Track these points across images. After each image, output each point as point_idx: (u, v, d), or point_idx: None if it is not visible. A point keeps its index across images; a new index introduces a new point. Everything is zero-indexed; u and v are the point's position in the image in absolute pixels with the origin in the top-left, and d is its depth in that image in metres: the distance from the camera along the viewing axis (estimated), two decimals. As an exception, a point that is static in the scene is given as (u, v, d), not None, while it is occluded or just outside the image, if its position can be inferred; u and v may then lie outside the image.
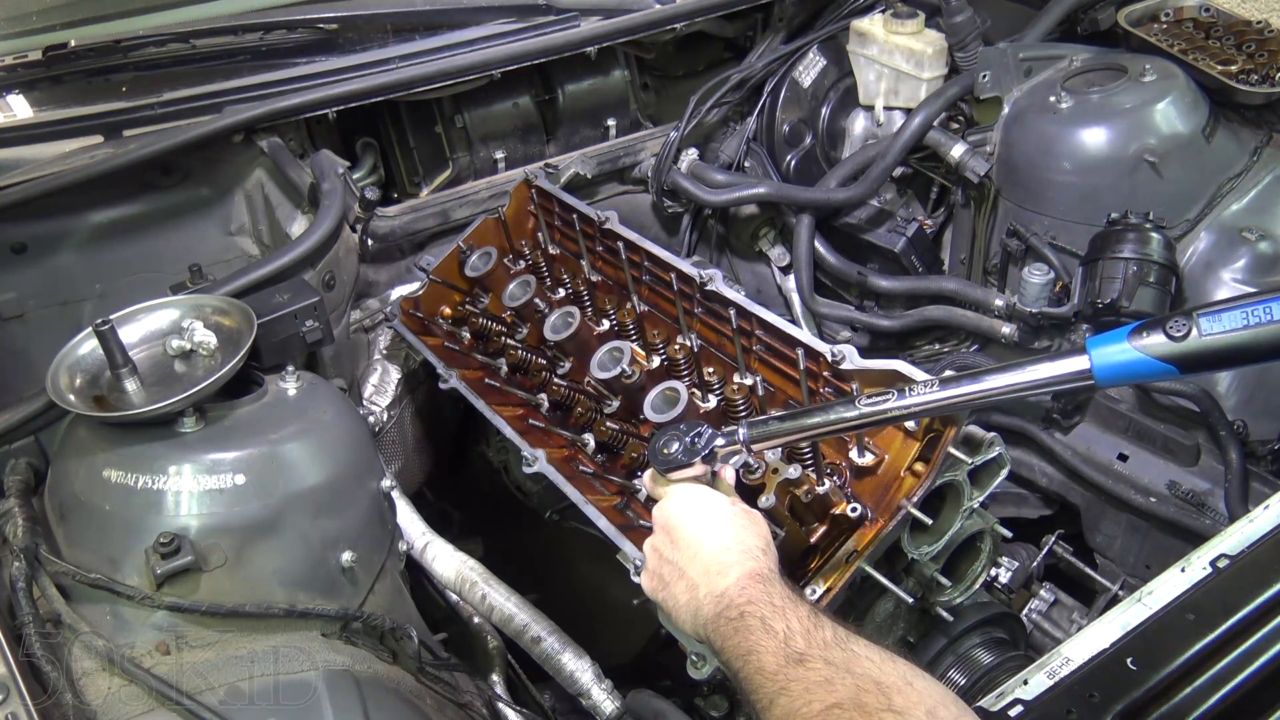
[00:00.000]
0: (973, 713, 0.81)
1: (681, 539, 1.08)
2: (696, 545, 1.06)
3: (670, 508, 1.12)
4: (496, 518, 2.10)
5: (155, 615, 1.14)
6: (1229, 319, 0.88)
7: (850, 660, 0.86)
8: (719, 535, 1.06)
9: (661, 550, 1.10)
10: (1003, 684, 1.02)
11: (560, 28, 2.07)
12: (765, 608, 0.95)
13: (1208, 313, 0.89)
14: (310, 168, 1.77)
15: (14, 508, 1.25)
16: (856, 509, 1.24)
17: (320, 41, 2.14)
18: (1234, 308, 0.89)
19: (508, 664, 1.46)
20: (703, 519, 1.08)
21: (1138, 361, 0.92)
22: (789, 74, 2.27)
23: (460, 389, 1.64)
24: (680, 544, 1.08)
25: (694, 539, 1.07)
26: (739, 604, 0.97)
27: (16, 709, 0.96)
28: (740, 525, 1.07)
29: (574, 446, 1.57)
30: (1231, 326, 0.88)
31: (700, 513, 1.09)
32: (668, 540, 1.09)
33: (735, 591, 0.99)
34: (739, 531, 1.06)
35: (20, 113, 1.93)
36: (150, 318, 1.38)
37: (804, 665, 0.87)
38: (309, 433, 1.31)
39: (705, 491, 1.12)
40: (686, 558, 1.06)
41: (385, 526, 1.44)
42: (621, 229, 1.69)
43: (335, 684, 1.10)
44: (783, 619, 0.93)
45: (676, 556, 1.07)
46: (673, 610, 1.07)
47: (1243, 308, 0.88)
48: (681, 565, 1.06)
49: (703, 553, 1.05)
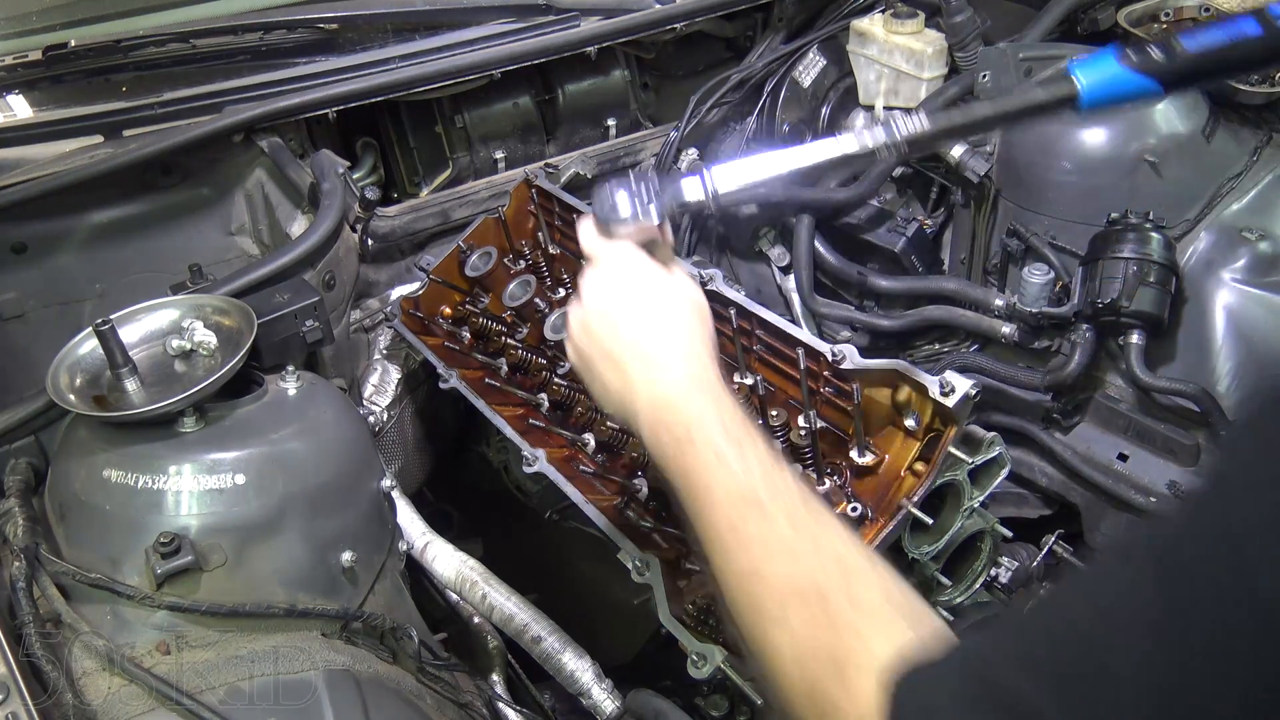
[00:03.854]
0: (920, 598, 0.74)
1: (618, 317, 0.95)
2: (634, 328, 0.94)
3: (608, 276, 0.98)
4: (496, 518, 2.10)
5: (155, 615, 1.14)
6: (1206, 37, 0.94)
7: (816, 530, 0.77)
8: (661, 321, 0.94)
9: (590, 325, 0.97)
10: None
11: (560, 28, 2.07)
12: (718, 434, 0.84)
13: (1186, 34, 0.94)
14: (310, 168, 1.77)
15: (14, 508, 1.25)
16: (857, 509, 1.24)
17: (320, 41, 2.14)
18: (1210, 28, 0.93)
19: (508, 664, 1.46)
20: (644, 297, 0.96)
21: (1122, 77, 0.94)
22: (789, 74, 2.27)
23: (460, 389, 1.64)
24: (616, 323, 0.95)
25: (632, 320, 0.94)
26: (685, 420, 0.86)
27: (16, 709, 0.96)
28: (686, 311, 0.96)
29: (574, 446, 1.57)
30: (1208, 42, 0.93)
31: (642, 289, 0.96)
32: (600, 314, 0.97)
33: (681, 401, 0.88)
34: (685, 319, 0.95)
35: (20, 113, 1.93)
36: (150, 318, 1.38)
37: (766, 520, 0.79)
38: (309, 433, 1.31)
39: (648, 263, 0.99)
40: (621, 341, 0.94)
41: (385, 526, 1.44)
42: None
43: (335, 684, 1.10)
44: (740, 455, 0.82)
45: (608, 336, 0.95)
46: (596, 391, 0.98)
47: (1218, 27, 0.93)
48: (613, 349, 0.94)
49: (642, 340, 0.93)
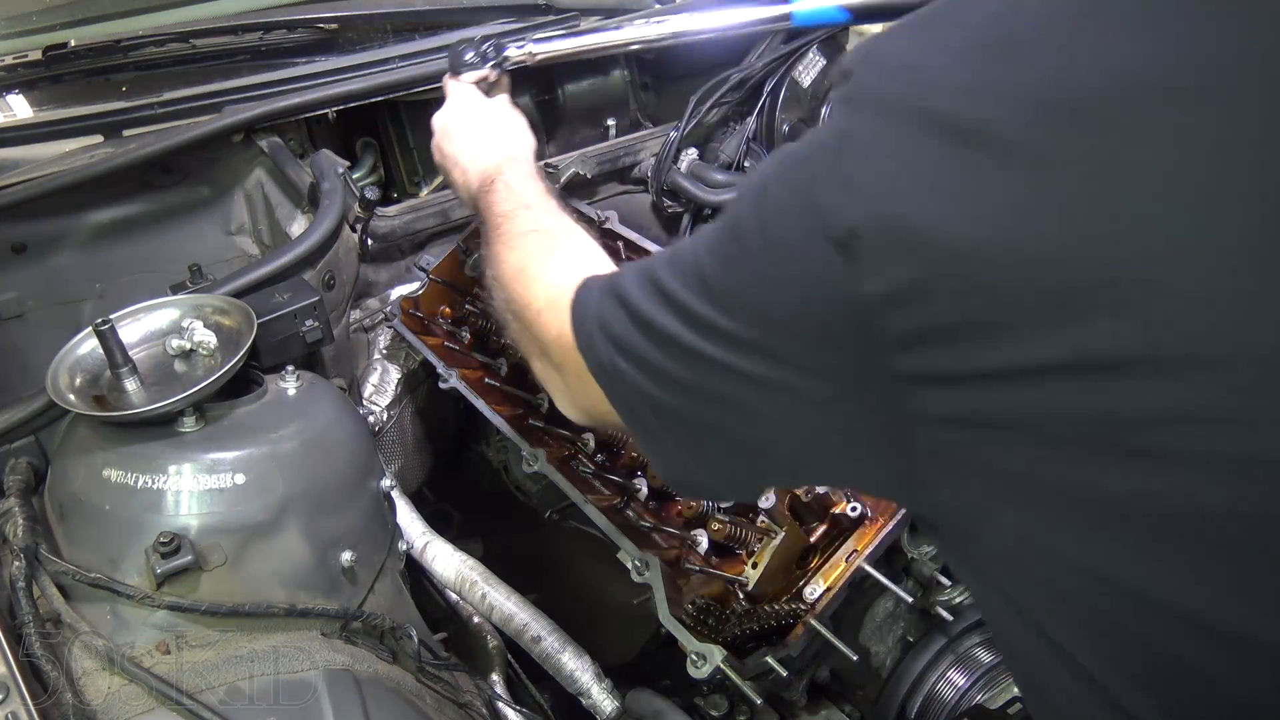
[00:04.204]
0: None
1: (455, 130, 1.39)
2: (470, 136, 1.37)
3: (454, 105, 1.45)
4: (496, 518, 2.10)
5: (155, 615, 1.14)
6: None
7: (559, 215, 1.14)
8: (488, 129, 1.37)
9: (440, 140, 1.41)
10: (1003, 683, 1.02)
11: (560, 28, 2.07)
12: (513, 177, 1.22)
13: None
14: (310, 168, 1.77)
15: (14, 507, 1.25)
16: (856, 508, 1.24)
17: (320, 41, 2.14)
18: None
19: (508, 664, 1.46)
20: (478, 116, 1.40)
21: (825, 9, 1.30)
22: (789, 74, 2.27)
23: (460, 389, 1.64)
24: (457, 135, 1.38)
25: (469, 131, 1.38)
26: (493, 174, 1.24)
27: (16, 709, 0.96)
28: (507, 123, 1.39)
29: (574, 446, 1.57)
30: None
31: (476, 111, 1.42)
32: (444, 130, 1.40)
33: (493, 168, 1.26)
34: (505, 127, 1.38)
35: (20, 113, 1.93)
36: (150, 318, 1.38)
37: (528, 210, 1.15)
38: (309, 432, 1.31)
39: (480, 96, 1.46)
40: (461, 146, 1.36)
41: (385, 526, 1.44)
42: (621, 229, 1.69)
43: (335, 683, 1.10)
44: (524, 184, 1.21)
45: (451, 144, 1.38)
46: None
47: None
48: (454, 152, 1.37)
49: (473, 142, 1.35)
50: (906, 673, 1.34)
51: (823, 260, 0.59)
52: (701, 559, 1.37)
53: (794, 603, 1.26)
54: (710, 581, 1.32)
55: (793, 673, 1.25)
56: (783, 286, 0.64)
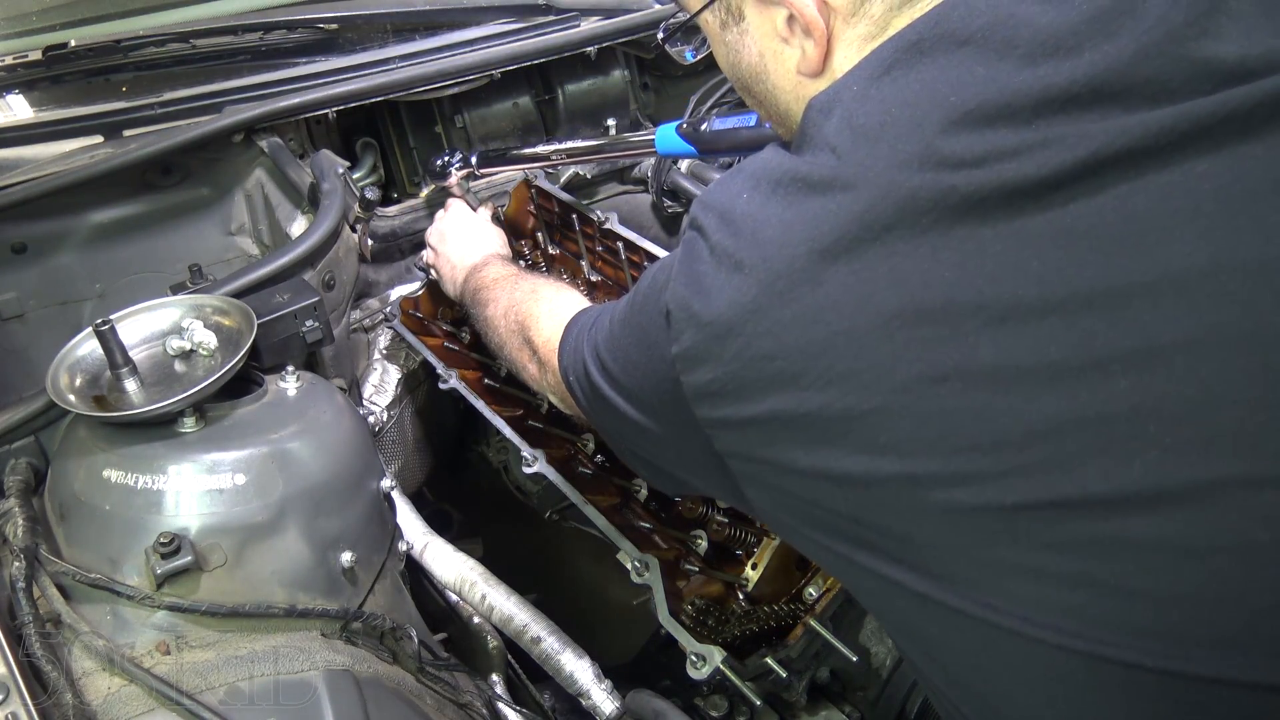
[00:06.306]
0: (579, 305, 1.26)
1: (450, 236, 1.74)
2: (458, 240, 1.71)
3: (448, 217, 1.79)
4: (496, 518, 2.10)
5: (155, 615, 1.14)
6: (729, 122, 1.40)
7: (535, 287, 1.40)
8: (474, 238, 1.71)
9: (435, 245, 1.76)
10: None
11: (560, 28, 2.07)
12: (492, 266, 1.57)
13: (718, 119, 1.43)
14: (310, 168, 1.77)
15: (14, 508, 1.25)
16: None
17: (320, 41, 2.14)
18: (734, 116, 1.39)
19: (508, 664, 1.46)
20: (464, 227, 1.75)
21: (673, 139, 1.48)
22: (789, 74, 2.27)
23: (460, 389, 1.64)
24: (450, 239, 1.73)
25: (457, 237, 1.72)
26: (480, 266, 1.58)
27: (16, 709, 0.96)
28: (485, 233, 1.73)
29: (574, 446, 1.57)
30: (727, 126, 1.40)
31: (463, 223, 1.76)
32: (442, 237, 1.75)
33: (480, 262, 1.60)
34: (484, 236, 1.72)
35: (20, 113, 1.93)
36: (150, 318, 1.38)
37: (509, 278, 1.48)
38: (309, 433, 1.31)
39: (464, 209, 1.81)
40: (451, 248, 1.71)
41: (385, 526, 1.44)
42: (621, 229, 1.69)
43: (335, 684, 1.10)
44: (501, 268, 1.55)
45: (445, 248, 1.72)
46: (445, 282, 1.71)
47: (738, 116, 1.38)
48: (448, 253, 1.70)
49: (460, 245, 1.70)
50: (906, 673, 1.35)
51: (657, 328, 0.82)
52: (701, 560, 1.37)
53: (794, 603, 1.26)
54: (710, 582, 1.32)
55: (792, 673, 1.25)
56: (643, 348, 0.87)
